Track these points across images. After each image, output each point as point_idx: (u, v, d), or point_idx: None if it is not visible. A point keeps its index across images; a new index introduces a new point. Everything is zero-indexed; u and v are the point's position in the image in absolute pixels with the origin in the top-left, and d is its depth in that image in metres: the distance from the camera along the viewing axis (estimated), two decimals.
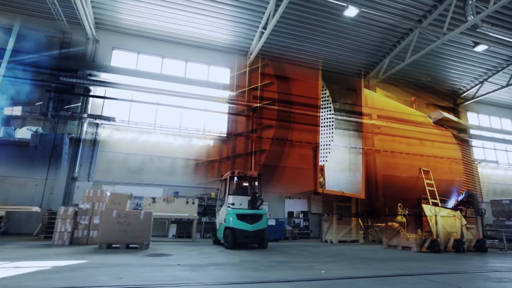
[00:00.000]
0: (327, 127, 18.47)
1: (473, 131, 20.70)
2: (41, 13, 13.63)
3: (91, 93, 13.92)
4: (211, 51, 16.41)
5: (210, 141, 15.39)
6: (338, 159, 18.31)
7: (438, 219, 9.78)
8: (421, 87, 20.41)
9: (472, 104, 21.25)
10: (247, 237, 8.88)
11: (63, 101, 13.38)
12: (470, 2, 12.93)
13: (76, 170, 13.03)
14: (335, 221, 12.17)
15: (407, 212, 14.73)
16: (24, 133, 13.45)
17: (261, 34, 14.85)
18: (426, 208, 9.95)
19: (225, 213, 9.40)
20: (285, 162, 16.49)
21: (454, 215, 10.14)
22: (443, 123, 20.24)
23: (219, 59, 16.55)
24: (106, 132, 13.94)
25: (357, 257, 7.66)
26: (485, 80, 19.39)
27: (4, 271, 4.57)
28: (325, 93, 18.74)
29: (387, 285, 4.25)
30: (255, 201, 9.40)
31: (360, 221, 15.35)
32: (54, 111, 13.01)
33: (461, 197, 19.07)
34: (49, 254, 6.57)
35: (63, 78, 12.86)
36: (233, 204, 9.32)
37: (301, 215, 15.58)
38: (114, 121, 13.51)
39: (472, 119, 21.59)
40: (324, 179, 17.53)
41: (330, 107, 18.79)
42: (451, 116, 20.31)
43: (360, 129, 19.19)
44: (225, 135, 15.62)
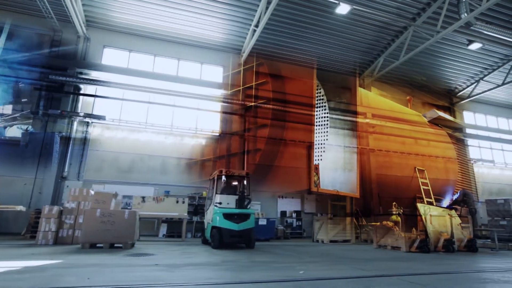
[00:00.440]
0: (321, 126, 18.36)
1: (469, 130, 20.57)
2: (31, 10, 13.52)
3: (81, 92, 13.80)
4: (204, 49, 16.29)
5: (202, 140, 15.28)
6: (332, 158, 18.20)
7: (428, 218, 9.66)
8: (417, 86, 20.29)
9: (468, 103, 21.12)
10: (233, 236, 8.77)
11: (53, 99, 13.27)
12: (464, 0, 12.81)
13: (66, 169, 12.92)
14: (326, 220, 12.05)
15: (401, 211, 14.62)
16: (14, 131, 13.38)
17: (254, 32, 14.74)
18: (420, 207, 9.83)
19: (212, 212, 9.29)
20: (279, 162, 16.38)
21: (448, 214, 10.04)
22: (438, 122, 20.12)
23: (212, 57, 16.43)
24: (97, 131, 13.83)
25: (343, 257, 7.54)
26: (481, 79, 19.26)
27: None
28: (319, 92, 18.63)
29: (362, 286, 4.14)
30: (242, 200, 9.29)
31: (355, 220, 15.25)
32: (44, 109, 12.89)
33: (456, 196, 18.98)
34: (26, 254, 6.46)
35: (52, 76, 12.73)
36: (220, 203, 9.20)
37: (294, 215, 15.46)
38: (104, 119, 13.41)
39: (468, 118, 21.46)
40: (318, 178, 17.43)
41: (325, 106, 18.67)
42: (446, 115, 20.19)
43: (354, 128, 19.08)
44: (217, 134, 15.50)
